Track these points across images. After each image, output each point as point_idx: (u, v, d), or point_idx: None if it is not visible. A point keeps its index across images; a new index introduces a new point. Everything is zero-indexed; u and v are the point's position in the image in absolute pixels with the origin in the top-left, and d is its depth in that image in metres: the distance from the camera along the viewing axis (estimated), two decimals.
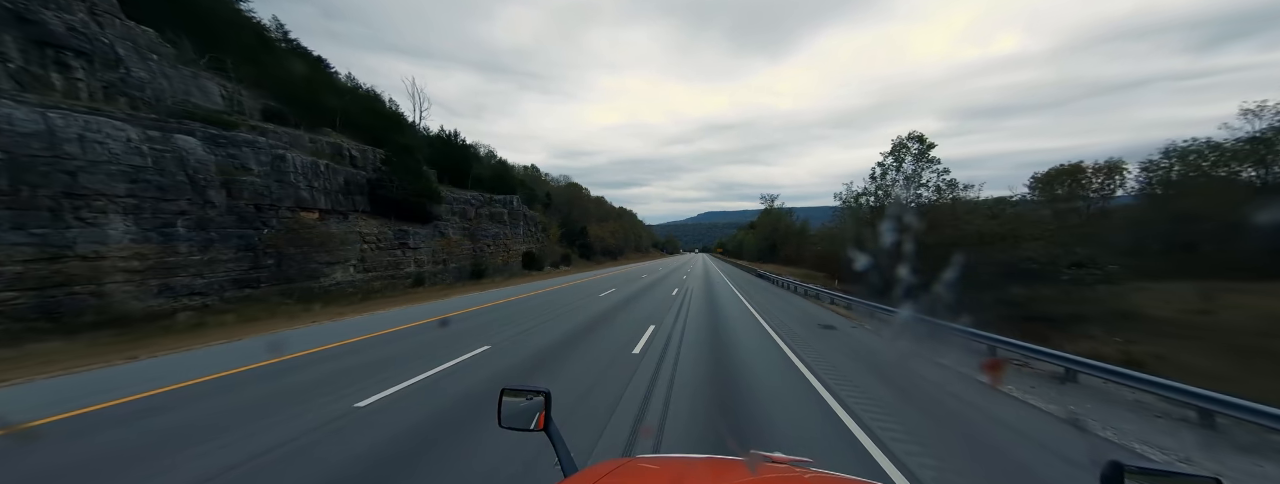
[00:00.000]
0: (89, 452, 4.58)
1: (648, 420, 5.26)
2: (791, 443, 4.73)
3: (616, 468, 1.35)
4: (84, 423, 5.38)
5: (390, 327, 12.18)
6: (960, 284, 11.04)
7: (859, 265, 20.79)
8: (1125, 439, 5.22)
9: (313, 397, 6.18)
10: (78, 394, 6.43)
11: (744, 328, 12.17)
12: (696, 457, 1.62)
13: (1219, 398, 5.35)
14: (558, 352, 9.06)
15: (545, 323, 12.55)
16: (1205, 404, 5.48)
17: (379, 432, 4.95)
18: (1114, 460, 0.97)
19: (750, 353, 9.11)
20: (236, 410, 5.72)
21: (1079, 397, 6.76)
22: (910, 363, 8.94)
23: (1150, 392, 6.18)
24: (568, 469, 1.42)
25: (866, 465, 4.25)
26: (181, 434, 4.99)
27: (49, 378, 7.57)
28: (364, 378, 7.04)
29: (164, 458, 4.39)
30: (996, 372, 7.58)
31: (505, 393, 1.61)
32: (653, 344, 9.68)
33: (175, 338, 11.04)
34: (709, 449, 3.89)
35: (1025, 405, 6.29)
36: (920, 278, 10.93)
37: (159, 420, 5.42)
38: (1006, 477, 4.30)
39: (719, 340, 10.27)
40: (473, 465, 4.16)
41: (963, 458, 4.60)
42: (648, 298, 19.28)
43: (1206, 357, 10.25)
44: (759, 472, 1.33)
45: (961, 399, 6.54)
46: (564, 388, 6.51)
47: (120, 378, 7.42)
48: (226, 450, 4.51)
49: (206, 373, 7.56)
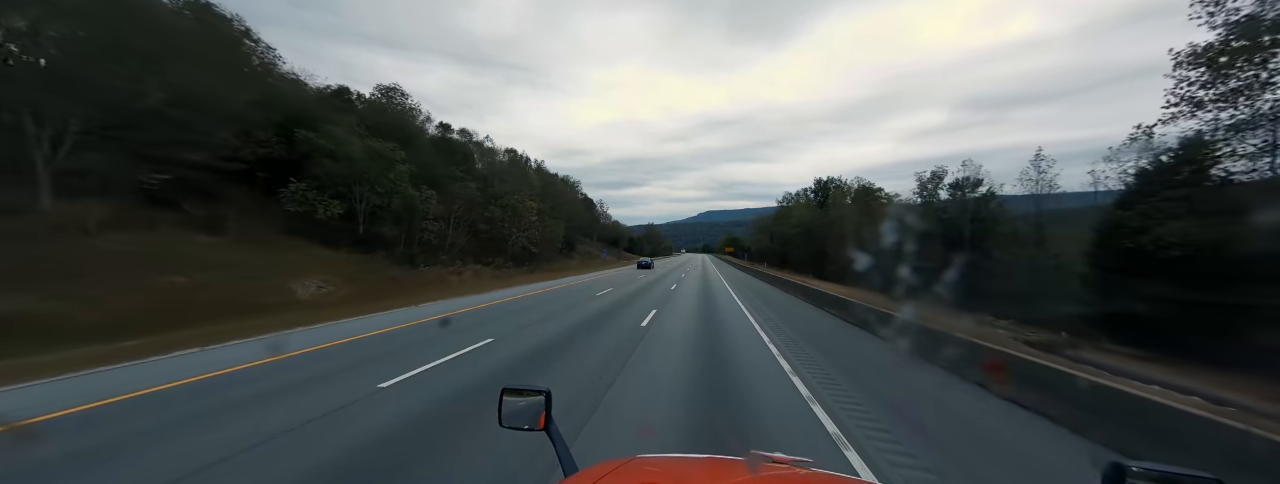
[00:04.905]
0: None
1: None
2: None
3: (616, 468, 1.35)
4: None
5: None
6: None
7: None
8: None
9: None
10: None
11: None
12: (696, 457, 1.64)
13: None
14: None
15: None
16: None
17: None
18: (1115, 461, 0.95)
19: None
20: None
21: None
22: None
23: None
24: (568, 469, 1.41)
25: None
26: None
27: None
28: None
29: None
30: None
31: (505, 392, 1.60)
32: None
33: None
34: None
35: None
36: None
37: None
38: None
39: None
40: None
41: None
42: None
43: None
44: (759, 471, 1.32)
45: None
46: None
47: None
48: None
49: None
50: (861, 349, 9.22)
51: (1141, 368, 9.69)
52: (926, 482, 3.60)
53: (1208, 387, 8.02)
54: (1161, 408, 4.11)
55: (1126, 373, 7.86)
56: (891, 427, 4.62)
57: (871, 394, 5.85)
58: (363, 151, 22.13)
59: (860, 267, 29.07)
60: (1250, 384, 8.62)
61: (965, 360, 6.67)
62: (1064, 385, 5.03)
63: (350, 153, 21.20)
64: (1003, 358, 6.18)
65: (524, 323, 10.74)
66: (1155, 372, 9.38)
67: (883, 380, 6.79)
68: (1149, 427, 4.11)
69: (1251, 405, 6.63)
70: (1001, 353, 6.36)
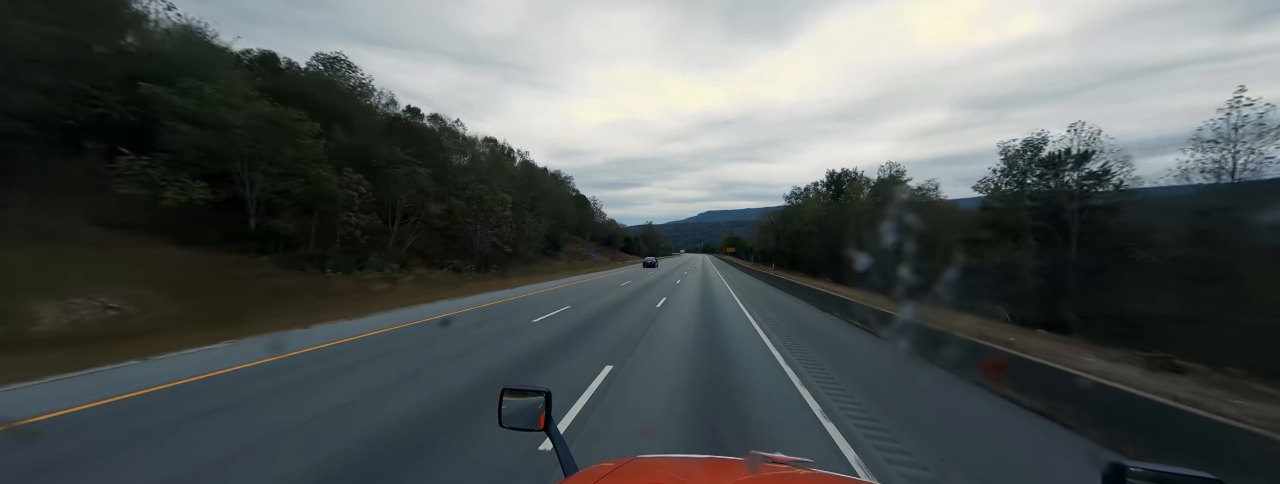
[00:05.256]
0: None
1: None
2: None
3: (616, 468, 1.33)
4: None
5: None
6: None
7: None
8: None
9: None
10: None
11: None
12: (697, 457, 1.61)
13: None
14: None
15: None
16: None
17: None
18: (1115, 461, 0.94)
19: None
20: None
21: None
22: None
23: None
24: (568, 469, 1.39)
25: None
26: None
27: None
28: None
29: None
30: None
31: (506, 393, 1.58)
32: None
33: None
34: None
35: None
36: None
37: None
38: None
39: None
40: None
41: None
42: None
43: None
44: (759, 471, 1.30)
45: None
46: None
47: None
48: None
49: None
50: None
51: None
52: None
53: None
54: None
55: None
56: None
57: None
58: (254, 119, 16.51)
59: (902, 273, 23.52)
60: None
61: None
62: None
63: (225, 118, 15.58)
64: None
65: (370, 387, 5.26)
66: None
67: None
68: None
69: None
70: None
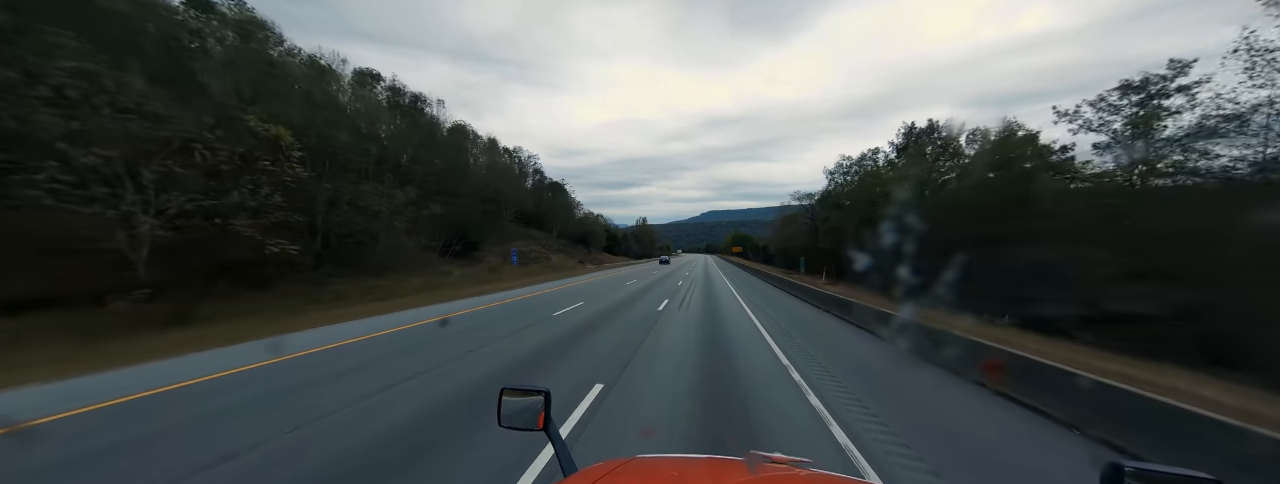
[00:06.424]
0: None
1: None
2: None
3: (616, 468, 1.34)
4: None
5: None
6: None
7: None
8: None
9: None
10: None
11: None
12: (696, 457, 1.61)
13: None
14: None
15: None
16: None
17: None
18: (1113, 461, 0.94)
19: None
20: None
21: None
22: None
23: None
24: (567, 469, 1.39)
25: None
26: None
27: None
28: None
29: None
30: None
31: (505, 392, 1.57)
32: None
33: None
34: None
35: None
36: None
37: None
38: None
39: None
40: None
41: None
42: None
43: None
44: (758, 471, 1.31)
45: None
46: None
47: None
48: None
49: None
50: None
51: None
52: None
53: None
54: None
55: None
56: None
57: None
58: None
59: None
60: None
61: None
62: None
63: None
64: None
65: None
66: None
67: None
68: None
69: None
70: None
